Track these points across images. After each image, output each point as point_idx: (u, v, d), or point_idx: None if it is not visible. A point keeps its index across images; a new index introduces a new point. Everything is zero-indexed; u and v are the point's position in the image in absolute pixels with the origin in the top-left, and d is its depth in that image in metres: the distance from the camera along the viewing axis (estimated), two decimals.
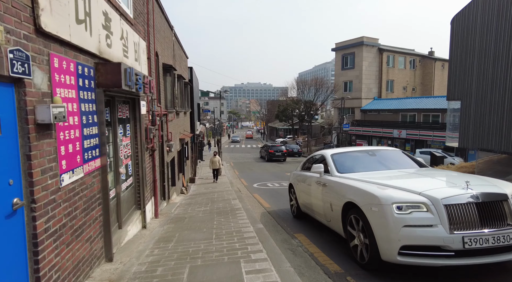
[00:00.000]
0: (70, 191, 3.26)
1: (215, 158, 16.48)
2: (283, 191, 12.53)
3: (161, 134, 8.61)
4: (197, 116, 22.58)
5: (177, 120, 12.18)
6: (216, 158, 16.45)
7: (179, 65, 13.56)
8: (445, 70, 42.15)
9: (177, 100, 11.92)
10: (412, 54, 40.45)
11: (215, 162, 16.36)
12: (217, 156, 16.69)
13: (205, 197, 10.82)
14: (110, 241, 4.29)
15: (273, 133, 64.49)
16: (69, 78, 3.27)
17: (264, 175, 19.50)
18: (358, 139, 34.34)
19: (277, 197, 11.17)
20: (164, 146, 9.18)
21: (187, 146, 16.46)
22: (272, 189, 13.23)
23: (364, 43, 36.36)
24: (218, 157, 16.65)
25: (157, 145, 7.81)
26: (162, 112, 8.56)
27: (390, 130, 30.78)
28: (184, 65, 16.46)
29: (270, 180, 16.90)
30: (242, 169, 23.93)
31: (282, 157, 30.24)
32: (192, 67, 18.51)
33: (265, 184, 14.99)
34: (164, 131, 9.21)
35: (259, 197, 11.00)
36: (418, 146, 28.20)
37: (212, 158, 16.60)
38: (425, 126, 28.37)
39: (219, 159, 16.63)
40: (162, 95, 9.10)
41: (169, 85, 9.42)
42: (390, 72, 38.65)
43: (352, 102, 36.62)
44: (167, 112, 9.29)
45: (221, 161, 17.30)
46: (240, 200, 9.52)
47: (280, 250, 4.50)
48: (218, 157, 16.68)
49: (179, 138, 12.80)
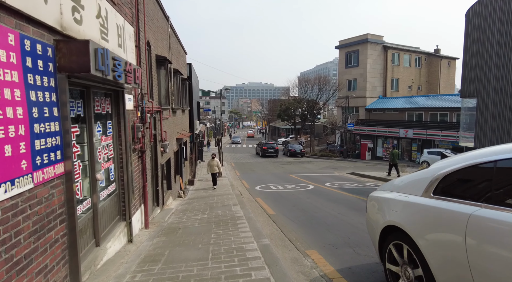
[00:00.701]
0: (6, 210, 2.37)
1: (213, 161, 14.16)
2: (288, 194, 11.62)
3: (153, 133, 7.71)
4: (197, 115, 21.70)
5: (173, 118, 11.30)
6: (214, 161, 14.14)
7: (176, 59, 12.69)
8: (451, 68, 41.20)
9: (174, 96, 11.04)
10: (417, 52, 39.47)
11: (213, 165, 14.03)
12: (216, 159, 14.39)
13: (203, 202, 9.93)
14: (77, 267, 3.39)
15: (274, 132, 63.58)
16: (4, 54, 2.38)
17: (267, 177, 18.61)
18: (363, 139, 33.39)
19: (281, 201, 10.27)
20: (158, 146, 8.29)
21: (186, 146, 15.58)
22: (276, 193, 12.33)
23: (369, 40, 35.40)
24: (217, 160, 14.39)
25: (147, 145, 6.92)
26: (154, 108, 7.66)
27: (396, 129, 29.82)
28: (182, 60, 15.59)
29: (273, 182, 16.00)
30: (244, 169, 23.05)
31: (274, 154, 33.59)
32: (191, 64, 17.63)
33: (268, 187, 14.10)
34: (158, 130, 8.32)
35: (262, 202, 10.10)
36: (425, 146, 27.24)
37: (210, 162, 14.16)
38: (432, 126, 27.40)
39: (218, 162, 14.27)
40: (155, 90, 8.21)
41: (163, 80, 8.53)
42: (395, 70, 37.68)
43: (356, 101, 35.68)
44: (161, 109, 8.40)
45: (220, 164, 14.93)
46: (241, 206, 8.63)
47: (291, 277, 3.60)
48: (217, 160, 14.38)
49: (176, 137, 11.92)
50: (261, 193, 12.24)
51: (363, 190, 12.79)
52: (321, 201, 10.19)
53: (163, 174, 8.76)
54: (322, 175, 19.45)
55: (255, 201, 10.51)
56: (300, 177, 18.21)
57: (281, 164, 27.41)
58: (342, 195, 11.40)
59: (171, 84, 10.81)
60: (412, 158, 29.00)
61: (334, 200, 10.35)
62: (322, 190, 12.76)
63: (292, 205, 9.52)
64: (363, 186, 14.01)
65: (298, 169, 23.37)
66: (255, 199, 10.79)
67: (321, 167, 25.03)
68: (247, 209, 8.30)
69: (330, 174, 19.85)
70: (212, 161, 14.20)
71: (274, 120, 61.58)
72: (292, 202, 9.96)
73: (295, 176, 18.78)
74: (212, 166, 14.10)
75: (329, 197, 10.91)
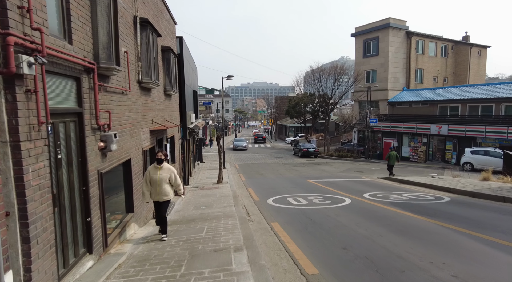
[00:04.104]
0: None
1: (159, 170, 5.84)
2: (319, 216, 7.55)
3: (52, 109, 3.71)
4: (193, 106, 17.73)
5: (142, 98, 7.31)
6: (162, 172, 5.85)
7: (154, 17, 8.70)
8: (481, 58, 36.83)
9: (142, 63, 7.03)
10: (444, 40, 35.11)
11: (156, 181, 5.80)
12: (168, 166, 5.99)
13: (185, 236, 5.90)
14: None
15: (282, 131, 59.41)
16: None
17: (280, 182, 14.56)
18: (385, 136, 29.14)
19: (315, 233, 6.22)
20: (89, 138, 4.29)
21: (172, 143, 11.58)
22: (300, 212, 8.29)
23: (391, 25, 31.19)
24: (169, 168, 5.98)
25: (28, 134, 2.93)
26: (59, 49, 3.67)
27: (426, 125, 25.57)
28: (170, 30, 11.62)
29: (289, 191, 11.95)
30: (250, 173, 19.01)
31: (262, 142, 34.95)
32: (182, 37, 13.66)
33: (285, 200, 10.06)
34: (86, 106, 4.32)
35: (284, 235, 6.06)
36: (463, 144, 22.99)
37: (151, 171, 5.86)
38: (473, 120, 23.11)
39: (172, 174, 5.94)
40: (77, 24, 4.22)
41: (103, 14, 4.52)
42: (419, 60, 33.42)
43: (376, 94, 31.45)
44: (95, 66, 4.38)
45: (179, 179, 6.23)
46: (250, 250, 4.61)
47: None
48: (171, 169, 5.98)
49: (150, 129, 7.93)
50: (278, 213, 8.19)
51: (429, 206, 8.66)
52: (382, 230, 6.12)
53: (102, 191, 4.74)
54: (349, 180, 15.34)
55: (271, 230, 6.44)
56: (322, 183, 14.13)
57: (293, 165, 23.32)
58: (413, 220, 7.28)
59: (136, 43, 6.81)
60: (446, 159, 24.75)
61: (404, 229, 6.27)
62: (369, 208, 8.66)
63: (340, 244, 5.46)
64: (421, 199, 9.89)
65: (315, 172, 19.28)
66: (271, 227, 6.72)
67: (342, 170, 20.90)
68: (261, 262, 4.27)
69: (358, 180, 15.73)
70: (156, 171, 5.81)
71: (282, 118, 57.44)
72: (335, 236, 5.91)
73: (315, 182, 14.70)
74: (155, 183, 5.79)
75: (390, 222, 6.83)
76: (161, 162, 5.81)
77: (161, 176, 5.77)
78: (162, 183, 5.76)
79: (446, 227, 6.39)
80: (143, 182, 5.93)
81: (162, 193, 5.79)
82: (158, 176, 5.76)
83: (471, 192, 10.42)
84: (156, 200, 5.90)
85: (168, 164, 5.91)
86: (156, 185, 5.77)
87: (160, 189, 5.77)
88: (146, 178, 5.83)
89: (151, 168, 5.87)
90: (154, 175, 5.78)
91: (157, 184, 5.75)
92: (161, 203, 5.90)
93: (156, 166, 5.84)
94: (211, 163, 23.54)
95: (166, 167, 5.88)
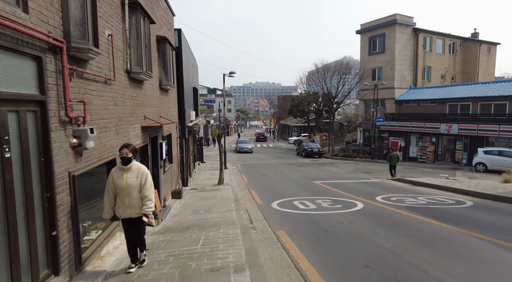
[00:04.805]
0: None
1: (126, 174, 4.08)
2: (331, 223, 6.70)
3: None
4: (193, 104, 16.92)
5: (132, 90, 6.51)
6: (133, 177, 4.09)
7: (149, 6, 7.89)
8: (491, 55, 35.80)
9: (131, 50, 6.22)
10: (452, 37, 34.11)
11: (123, 189, 4.03)
12: (137, 166, 4.19)
13: (177, 249, 5.07)
14: None
15: (284, 131, 58.53)
16: None
17: (284, 184, 13.72)
18: (392, 136, 28.22)
19: (329, 245, 5.39)
20: (51, 134, 3.48)
21: (169, 141, 10.77)
22: (309, 218, 7.45)
23: (398, 21, 30.24)
24: (141, 168, 4.20)
25: None
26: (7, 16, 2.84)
27: (435, 124, 24.63)
28: (167, 20, 10.82)
29: (295, 193, 11.11)
30: (252, 173, 18.18)
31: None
32: (180, 29, 12.85)
33: (291, 204, 9.22)
34: (51, 93, 3.51)
35: (294, 249, 5.22)
36: (474, 143, 22.05)
37: (114, 176, 4.08)
38: (485, 119, 22.16)
39: (145, 178, 4.13)
40: None
41: None
42: (426, 57, 32.45)
43: (383, 93, 30.49)
44: (63, 44, 3.56)
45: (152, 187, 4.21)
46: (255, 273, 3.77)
47: None
48: (143, 169, 4.19)
49: (142, 125, 7.12)
50: (284, 219, 7.35)
51: (451, 211, 7.79)
52: (406, 242, 5.26)
53: (75, 197, 3.91)
54: (357, 182, 14.48)
55: (277, 241, 5.60)
56: (329, 185, 13.28)
57: (297, 166, 22.47)
58: (438, 229, 6.42)
59: (124, 27, 5.99)
60: (456, 159, 23.81)
61: (431, 240, 5.41)
62: (384, 213, 7.80)
63: (360, 260, 4.61)
64: (440, 203, 9.02)
65: (320, 173, 18.42)
66: (277, 237, 5.88)
67: (348, 170, 20.03)
68: None
69: (367, 181, 14.87)
70: (122, 174, 4.08)
71: (284, 118, 56.59)
72: (353, 249, 5.06)
73: (321, 183, 13.86)
74: (121, 192, 4.05)
75: (413, 232, 5.97)
76: (127, 162, 4.08)
77: (129, 181, 4.04)
78: (131, 191, 4.03)
79: (481, 238, 5.53)
80: (106, 188, 4.13)
81: (133, 205, 4.04)
82: (125, 182, 4.02)
83: (495, 196, 9.53)
84: (125, 217, 4.09)
85: (138, 164, 4.26)
86: (124, 194, 4.02)
87: (130, 200, 4.02)
88: (109, 185, 4.08)
89: (115, 171, 4.14)
90: (119, 180, 4.03)
91: (125, 193, 4.02)
92: (133, 221, 4.10)
93: (121, 168, 4.10)
94: (212, 163, 22.73)
95: (135, 168, 4.15)
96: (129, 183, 4.04)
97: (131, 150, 4.12)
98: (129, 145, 4.16)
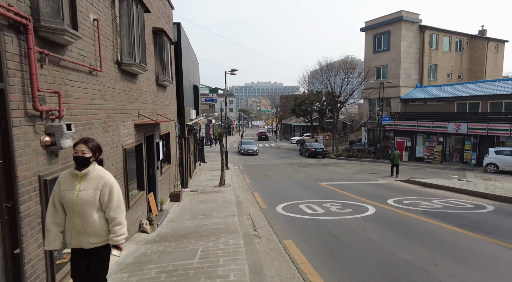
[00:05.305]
0: None
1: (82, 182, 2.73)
2: (343, 232, 6.06)
3: None
4: (193, 102, 16.32)
5: (124, 84, 5.90)
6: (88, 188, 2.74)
7: None
8: (499, 53, 35.00)
9: (121, 39, 5.62)
10: (459, 34, 33.32)
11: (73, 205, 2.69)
12: (98, 172, 2.81)
13: (171, 263, 4.44)
14: None
15: (287, 131, 57.86)
16: None
17: (288, 185, 13.09)
18: (398, 135, 27.51)
19: (347, 256, 4.75)
20: (14, 130, 2.86)
21: (168, 141, 10.16)
22: (318, 224, 6.82)
23: (403, 18, 29.55)
24: (104, 176, 2.82)
25: None
26: None
27: (443, 123, 23.93)
28: (165, 13, 10.21)
29: (300, 195, 10.48)
30: (255, 174, 17.55)
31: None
32: (180, 23, 12.24)
33: (297, 207, 8.59)
34: (20, 82, 2.89)
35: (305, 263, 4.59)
36: (485, 143, 21.33)
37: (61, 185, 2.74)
38: (496, 118, 21.43)
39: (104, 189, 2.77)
40: None
41: None
42: (433, 55, 31.71)
43: (388, 92, 29.77)
44: (29, 21, 2.93)
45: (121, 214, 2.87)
46: None
47: None
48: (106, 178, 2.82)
49: (136, 123, 6.50)
50: (291, 225, 6.72)
51: (473, 217, 7.13)
52: (432, 254, 4.62)
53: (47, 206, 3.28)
54: (365, 183, 13.82)
55: (285, 252, 4.96)
56: (335, 186, 12.64)
57: (300, 166, 21.82)
58: (466, 239, 5.77)
59: (114, 13, 5.38)
60: (465, 160, 23.08)
61: (461, 253, 4.77)
62: (400, 219, 7.15)
63: (383, 278, 3.98)
64: (458, 207, 8.35)
65: (325, 173, 17.77)
66: (285, 247, 5.23)
67: (354, 171, 19.37)
68: None
69: (374, 183, 14.22)
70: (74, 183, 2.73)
71: (287, 117, 55.92)
72: (371, 264, 4.42)
73: (327, 184, 13.22)
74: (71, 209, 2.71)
75: (436, 241, 5.32)
76: (83, 164, 2.72)
77: (83, 195, 2.68)
78: (85, 209, 2.68)
79: None
80: (48, 206, 2.81)
81: (87, 231, 2.70)
82: (77, 195, 2.67)
83: None
84: (75, 247, 2.77)
85: (101, 170, 2.84)
86: (73, 213, 2.69)
87: (82, 222, 2.69)
88: (54, 197, 2.74)
89: (64, 178, 2.77)
90: (67, 192, 2.69)
91: (75, 212, 2.69)
92: (88, 254, 2.78)
93: (73, 173, 2.73)
94: (213, 164, 22.12)
95: (95, 175, 2.77)
96: (82, 198, 2.66)
97: (91, 148, 2.76)
98: (89, 140, 2.81)
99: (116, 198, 2.81)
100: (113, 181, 2.86)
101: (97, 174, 2.80)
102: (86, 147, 2.75)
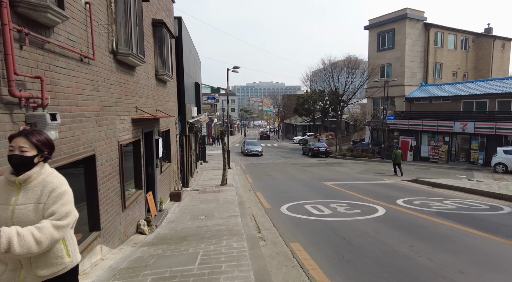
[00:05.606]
0: None
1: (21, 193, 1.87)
2: (354, 235, 5.66)
3: None
4: (195, 99, 15.94)
5: (120, 76, 5.51)
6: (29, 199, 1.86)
7: None
8: (505, 52, 34.47)
9: (116, 27, 5.23)
10: (464, 32, 32.80)
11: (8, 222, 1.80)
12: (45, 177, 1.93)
13: (168, 269, 4.05)
14: None
15: (289, 130, 57.44)
16: None
17: (292, 185, 12.69)
18: (402, 135, 27.04)
19: (361, 261, 4.36)
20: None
21: (168, 138, 9.79)
22: (326, 225, 6.43)
23: (408, 15, 29.08)
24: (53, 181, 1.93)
25: None
26: None
27: (449, 123, 23.45)
28: (165, 5, 9.84)
29: (305, 195, 10.08)
30: (257, 174, 17.16)
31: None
32: (181, 18, 11.86)
33: (303, 208, 8.19)
34: None
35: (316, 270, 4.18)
36: (493, 143, 20.85)
37: None
38: (504, 117, 20.94)
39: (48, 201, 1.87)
40: None
41: None
42: (438, 54, 31.23)
43: (392, 90, 29.28)
44: None
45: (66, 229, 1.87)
46: None
47: None
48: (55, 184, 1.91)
49: (133, 118, 6.12)
50: (297, 227, 6.32)
51: (492, 219, 6.71)
52: (455, 261, 4.22)
53: None
54: (371, 183, 13.41)
55: (292, 257, 4.56)
56: (341, 186, 12.23)
57: (303, 166, 21.42)
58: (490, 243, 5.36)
59: None
60: (471, 160, 22.60)
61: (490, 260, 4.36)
62: (412, 221, 6.74)
63: None
64: (472, 208, 7.94)
65: (329, 173, 17.36)
66: (292, 251, 4.84)
67: (358, 171, 18.95)
68: None
69: (381, 182, 13.80)
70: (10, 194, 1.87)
71: (289, 117, 55.49)
72: (389, 270, 4.03)
73: (332, 184, 12.81)
74: None
75: (456, 246, 4.92)
76: (22, 167, 1.88)
77: (21, 211, 1.84)
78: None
79: None
80: None
81: (33, 260, 1.86)
82: (13, 210, 1.83)
83: None
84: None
85: (53, 174, 1.99)
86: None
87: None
88: None
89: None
90: (0, 207, 1.84)
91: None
92: None
93: (9, 180, 1.89)
94: (215, 163, 21.75)
95: (40, 181, 1.91)
96: (21, 216, 1.83)
97: (35, 143, 1.91)
98: (33, 132, 1.96)
99: (64, 212, 1.86)
100: (64, 184, 1.96)
101: (42, 180, 1.90)
102: (27, 142, 1.88)
